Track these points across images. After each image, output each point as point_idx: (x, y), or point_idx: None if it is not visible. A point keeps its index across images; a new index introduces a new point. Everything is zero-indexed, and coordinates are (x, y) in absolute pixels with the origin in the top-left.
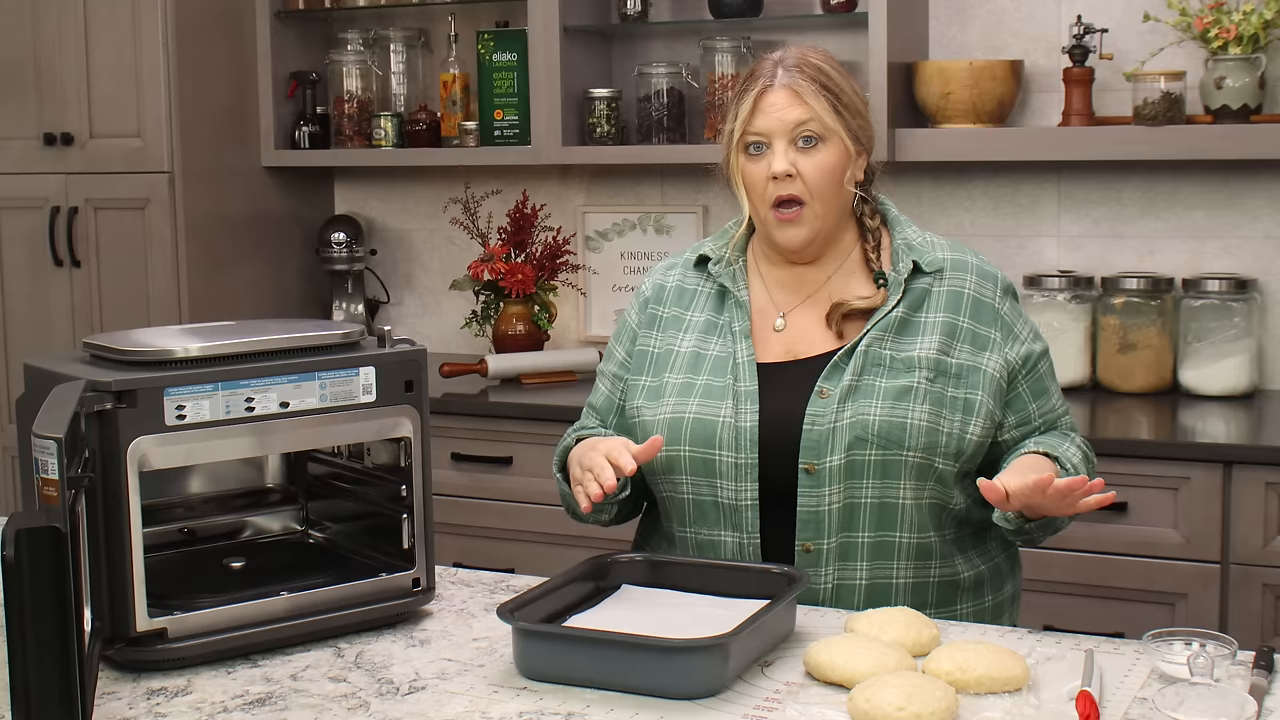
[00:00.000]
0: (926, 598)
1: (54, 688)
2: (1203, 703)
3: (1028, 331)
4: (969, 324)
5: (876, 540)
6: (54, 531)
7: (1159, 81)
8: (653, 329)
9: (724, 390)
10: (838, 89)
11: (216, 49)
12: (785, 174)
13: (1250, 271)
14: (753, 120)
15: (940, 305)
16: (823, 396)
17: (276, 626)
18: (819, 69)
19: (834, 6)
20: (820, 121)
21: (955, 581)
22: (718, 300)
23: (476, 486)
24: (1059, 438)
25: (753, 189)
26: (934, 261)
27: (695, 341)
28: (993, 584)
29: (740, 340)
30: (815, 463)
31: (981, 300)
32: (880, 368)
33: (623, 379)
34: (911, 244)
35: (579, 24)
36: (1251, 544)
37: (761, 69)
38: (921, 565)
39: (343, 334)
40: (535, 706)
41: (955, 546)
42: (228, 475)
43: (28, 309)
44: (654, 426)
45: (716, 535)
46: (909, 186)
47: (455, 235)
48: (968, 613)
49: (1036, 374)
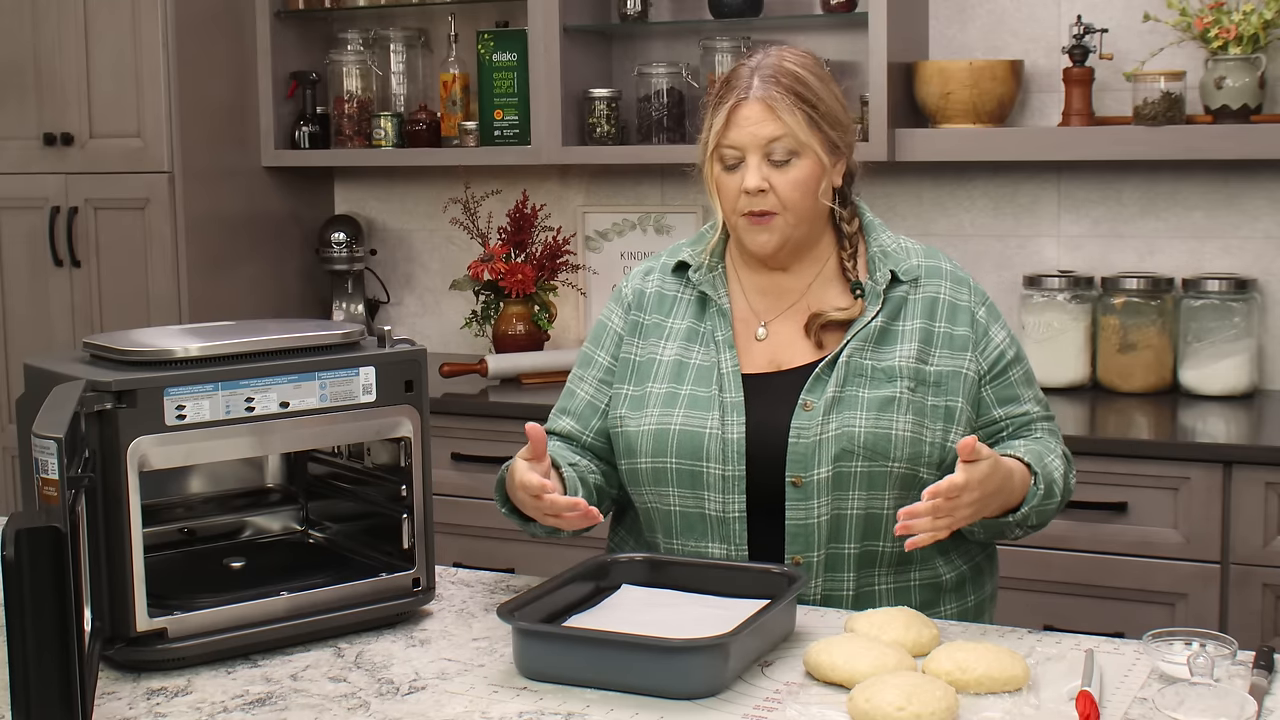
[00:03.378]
0: (910, 601)
1: (54, 688)
2: (1203, 703)
3: (1001, 336)
4: (945, 328)
5: (862, 550)
6: (54, 531)
7: (1159, 81)
8: (634, 336)
9: (709, 401)
10: (815, 99)
11: (216, 49)
12: (758, 189)
13: (1250, 271)
14: (726, 133)
15: (916, 313)
16: (807, 409)
17: (276, 626)
18: (796, 77)
19: (834, 6)
20: (794, 137)
21: (938, 584)
22: (698, 307)
23: (476, 486)
24: (1042, 447)
25: (725, 199)
26: (910, 270)
27: (678, 350)
28: (974, 583)
29: (724, 350)
30: (802, 475)
31: (957, 305)
32: (862, 378)
33: (609, 384)
34: (887, 251)
35: (579, 24)
36: (1251, 544)
37: (738, 78)
38: (903, 571)
39: (343, 334)
40: (535, 706)
41: (936, 549)
42: (228, 475)
43: (28, 309)
44: (639, 437)
45: (704, 546)
46: (909, 186)
47: (455, 235)
48: (952, 613)
49: (1005, 379)
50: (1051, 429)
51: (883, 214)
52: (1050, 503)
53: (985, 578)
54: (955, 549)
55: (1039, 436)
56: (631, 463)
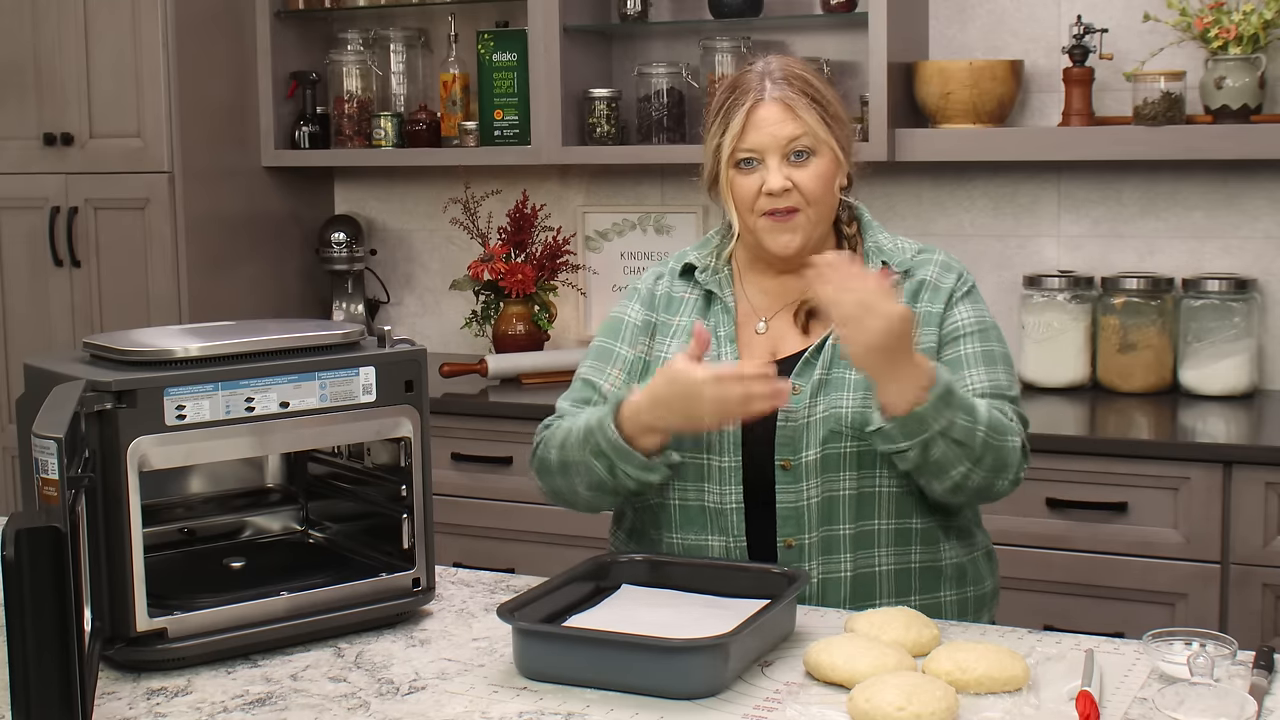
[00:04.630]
0: (910, 584)
1: (54, 688)
2: (1203, 703)
3: (967, 313)
4: (925, 307)
5: (858, 531)
6: (54, 531)
7: (1159, 81)
8: (647, 335)
9: None
10: (825, 99)
11: (216, 49)
12: (782, 189)
13: (1250, 271)
14: (745, 137)
15: (904, 298)
16: (795, 392)
17: (276, 626)
18: (806, 80)
19: (834, 6)
20: (813, 135)
21: (938, 568)
22: (703, 306)
23: (476, 486)
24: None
25: (742, 201)
26: (903, 262)
27: (681, 347)
28: (974, 576)
29: (725, 344)
30: (791, 458)
31: (939, 286)
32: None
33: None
34: (882, 247)
35: (579, 24)
36: (1251, 544)
37: (748, 82)
38: (902, 551)
39: (343, 334)
40: (535, 706)
41: (940, 532)
42: (228, 475)
43: (28, 309)
44: None
45: (703, 540)
46: (909, 186)
47: (455, 235)
48: (951, 600)
49: (956, 350)
50: (1001, 408)
51: (883, 214)
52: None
53: (985, 576)
54: (959, 539)
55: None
56: None
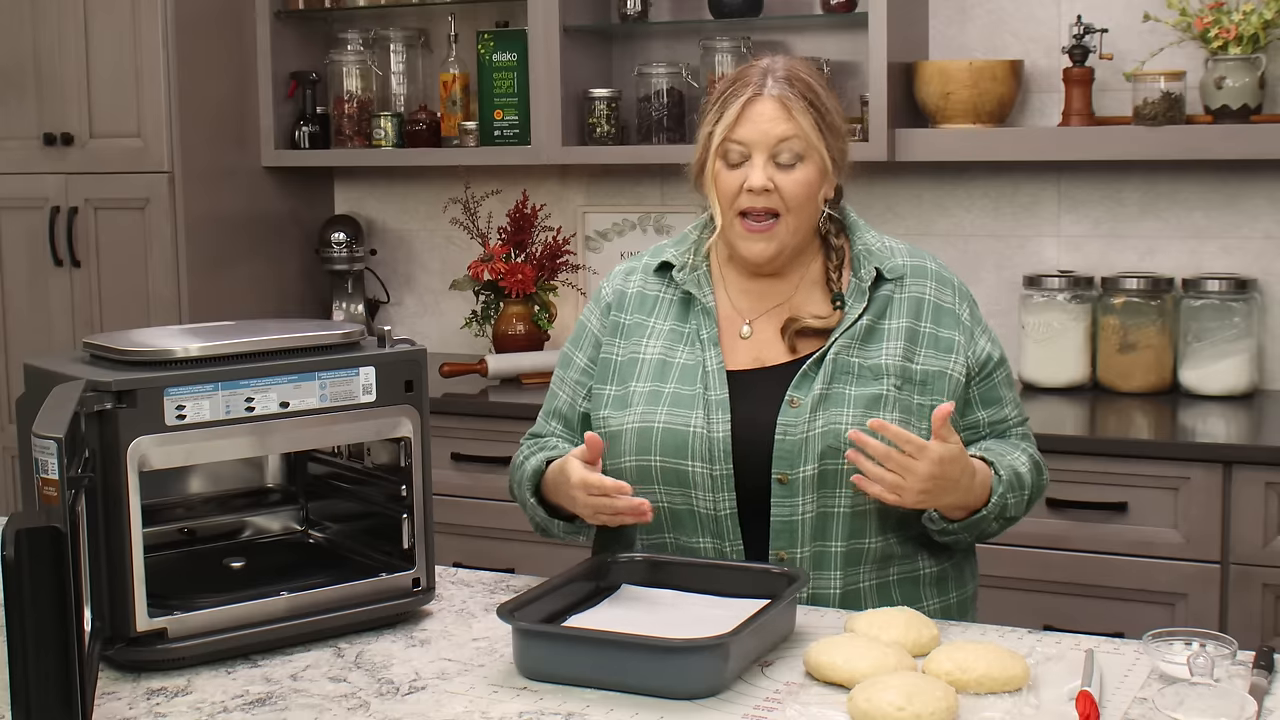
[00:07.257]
0: (891, 597)
1: (54, 688)
2: (1203, 703)
3: (986, 338)
4: (930, 329)
5: (849, 549)
6: (54, 531)
7: (1159, 81)
8: (615, 336)
9: (693, 399)
10: (824, 108)
11: (216, 49)
12: (763, 188)
13: (1250, 271)
14: (737, 128)
15: (902, 311)
16: (793, 406)
17: (276, 626)
18: (808, 85)
19: (834, 6)
20: (804, 139)
21: (916, 578)
22: (682, 307)
23: (476, 486)
24: (1008, 447)
25: (724, 195)
26: (895, 269)
27: (661, 349)
28: (956, 579)
29: (709, 348)
30: (788, 473)
31: (941, 305)
32: (849, 375)
33: (585, 385)
34: (871, 250)
35: (579, 24)
36: (1251, 544)
37: (749, 76)
38: (883, 568)
39: (343, 334)
40: (535, 706)
41: (918, 544)
42: (228, 475)
43: (28, 309)
44: (622, 436)
45: (695, 542)
46: (909, 186)
47: (455, 235)
48: (934, 608)
49: (991, 381)
50: (1025, 433)
51: (882, 214)
52: (1020, 495)
53: (967, 580)
54: (940, 546)
55: (1014, 441)
56: (616, 462)
